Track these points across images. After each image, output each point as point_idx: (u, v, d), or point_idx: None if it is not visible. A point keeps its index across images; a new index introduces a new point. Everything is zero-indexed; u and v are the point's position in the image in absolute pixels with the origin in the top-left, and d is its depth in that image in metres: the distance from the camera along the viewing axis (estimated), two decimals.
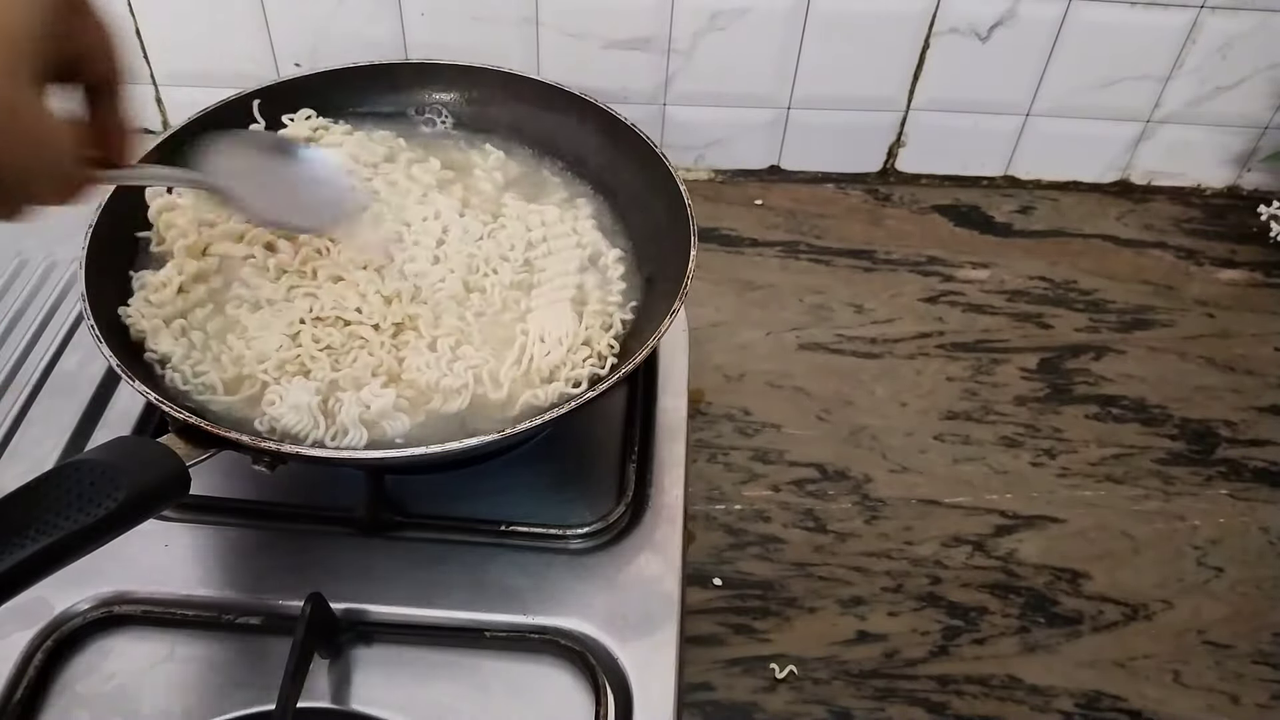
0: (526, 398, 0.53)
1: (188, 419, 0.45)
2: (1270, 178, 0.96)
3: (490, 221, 0.61)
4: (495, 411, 0.53)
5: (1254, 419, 0.77)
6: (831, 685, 0.60)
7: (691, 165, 0.94)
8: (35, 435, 0.61)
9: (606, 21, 0.83)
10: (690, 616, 0.61)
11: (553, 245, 0.61)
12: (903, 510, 0.69)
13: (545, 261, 0.60)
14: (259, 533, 0.57)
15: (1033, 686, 0.61)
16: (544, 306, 0.57)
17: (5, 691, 0.49)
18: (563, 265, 0.60)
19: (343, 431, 0.51)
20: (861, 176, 0.96)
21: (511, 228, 0.61)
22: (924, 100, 0.90)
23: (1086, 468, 0.73)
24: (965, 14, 0.84)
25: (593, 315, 0.57)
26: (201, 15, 0.82)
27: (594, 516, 0.58)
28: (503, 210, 0.62)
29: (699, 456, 0.71)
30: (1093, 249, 0.91)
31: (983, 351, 0.81)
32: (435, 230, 0.60)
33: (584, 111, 0.65)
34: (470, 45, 0.84)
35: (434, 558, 0.56)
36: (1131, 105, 0.91)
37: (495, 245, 0.60)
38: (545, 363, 0.54)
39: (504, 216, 0.62)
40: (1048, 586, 0.66)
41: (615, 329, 0.58)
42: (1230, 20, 0.84)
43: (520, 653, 0.53)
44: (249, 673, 0.51)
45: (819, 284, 0.85)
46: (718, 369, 0.78)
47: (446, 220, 0.60)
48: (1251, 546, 0.69)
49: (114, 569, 0.53)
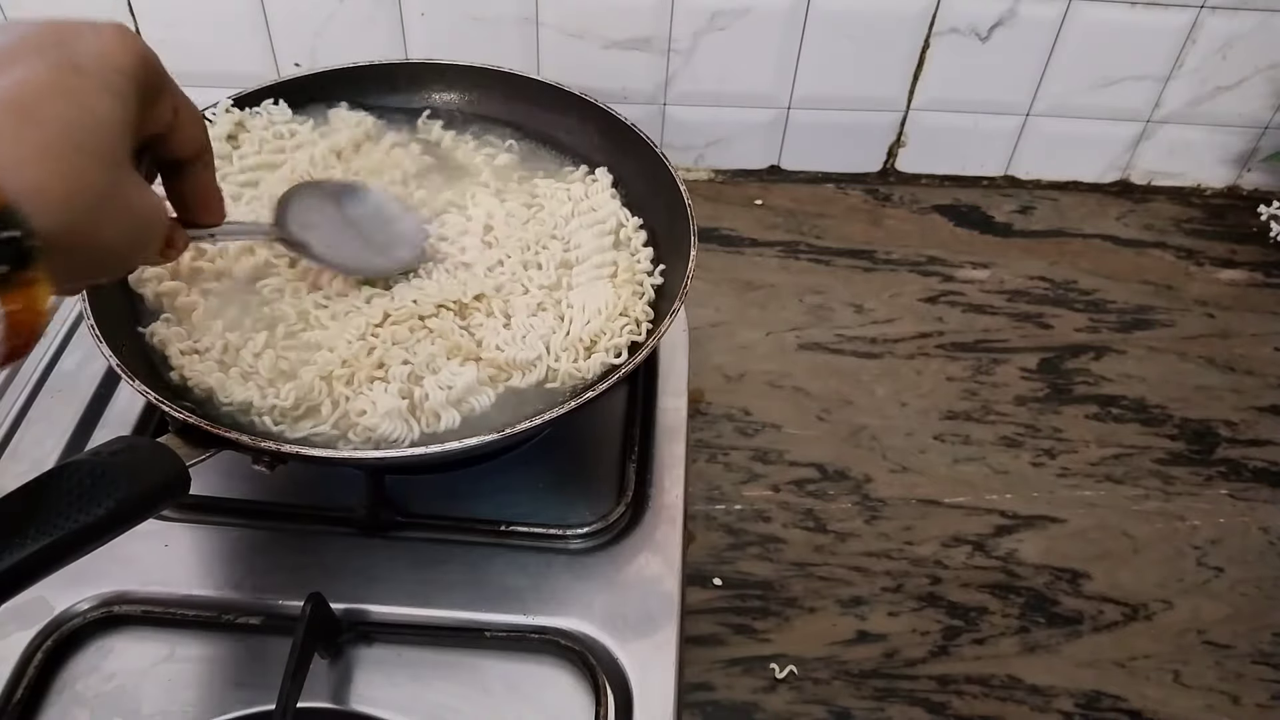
0: (569, 369, 0.54)
1: (187, 419, 0.45)
2: (1270, 178, 0.96)
3: (530, 202, 0.62)
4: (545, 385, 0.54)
5: (1254, 419, 0.77)
6: (831, 685, 0.60)
7: (691, 165, 0.94)
8: (35, 435, 0.61)
9: (606, 21, 0.83)
10: (690, 616, 0.61)
11: (582, 221, 0.61)
12: (903, 510, 0.69)
13: (579, 237, 0.60)
14: (259, 533, 0.57)
15: (1033, 686, 0.61)
16: (584, 284, 0.57)
17: (5, 691, 0.49)
18: (595, 240, 0.60)
19: (434, 418, 0.51)
20: (861, 176, 0.96)
21: (549, 206, 0.62)
22: (924, 100, 0.90)
23: (1086, 468, 0.73)
24: (965, 14, 0.84)
25: (623, 284, 0.57)
26: (201, 15, 0.82)
27: (594, 516, 0.58)
28: (536, 190, 0.63)
29: (699, 456, 0.71)
30: (1093, 249, 0.91)
31: (983, 351, 0.81)
32: (481, 217, 0.60)
33: (584, 111, 0.65)
34: (470, 45, 0.84)
35: (434, 558, 0.56)
36: (1131, 105, 0.91)
37: (540, 226, 0.61)
38: (586, 332, 0.55)
39: (540, 197, 0.63)
40: (1048, 586, 0.66)
41: (648, 295, 0.58)
42: (1230, 20, 0.84)
43: (520, 653, 0.53)
44: (249, 673, 0.51)
45: (819, 284, 0.85)
46: (718, 369, 0.78)
47: (489, 207, 0.61)
48: (1251, 546, 0.69)
49: (114, 569, 0.53)
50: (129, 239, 0.35)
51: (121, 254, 0.36)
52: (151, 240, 0.38)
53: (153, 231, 0.37)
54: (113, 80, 0.34)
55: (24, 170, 0.30)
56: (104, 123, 0.33)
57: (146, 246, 0.38)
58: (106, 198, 0.33)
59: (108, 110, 0.33)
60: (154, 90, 0.36)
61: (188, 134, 0.40)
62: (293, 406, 0.50)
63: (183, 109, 0.39)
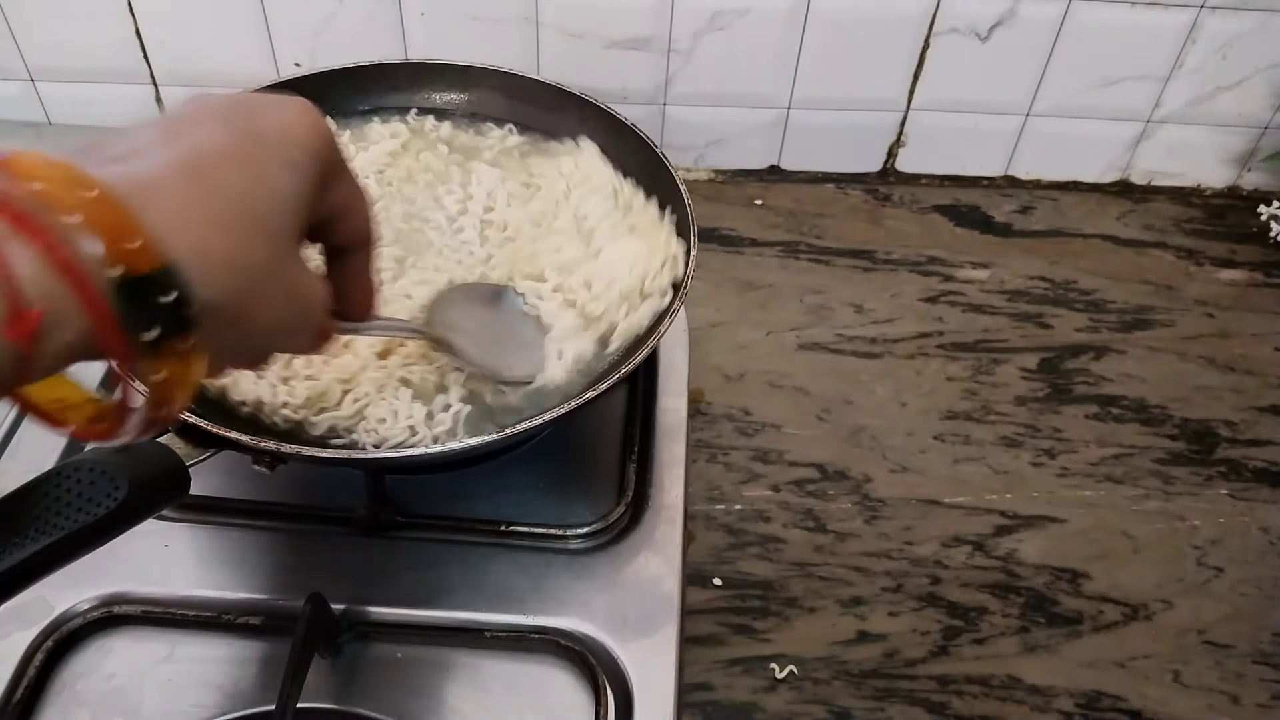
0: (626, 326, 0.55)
1: (187, 419, 0.45)
2: (1270, 178, 0.96)
3: (530, 180, 0.63)
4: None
5: (1254, 419, 0.77)
6: (831, 685, 0.60)
7: (691, 165, 0.94)
8: (35, 435, 0.61)
9: (606, 21, 0.83)
10: (690, 616, 0.61)
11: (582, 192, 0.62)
12: (903, 510, 0.69)
13: (586, 209, 0.60)
14: (259, 533, 0.57)
15: (1033, 686, 0.61)
16: (608, 245, 0.58)
17: (5, 691, 0.49)
18: (602, 205, 0.60)
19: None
20: (861, 176, 0.96)
21: (547, 186, 0.62)
22: (924, 100, 0.90)
23: (1086, 468, 0.73)
24: (965, 14, 0.84)
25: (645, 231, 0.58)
26: (202, 15, 0.82)
27: (594, 516, 0.58)
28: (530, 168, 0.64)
29: (699, 456, 0.71)
30: (1093, 249, 0.91)
31: (983, 351, 0.81)
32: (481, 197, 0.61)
33: (584, 111, 0.65)
34: (470, 45, 0.84)
35: (434, 558, 0.56)
36: (1131, 105, 0.91)
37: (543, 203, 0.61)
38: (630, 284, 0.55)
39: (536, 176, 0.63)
40: (1048, 586, 0.66)
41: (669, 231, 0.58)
42: (1230, 20, 0.84)
43: (520, 653, 0.53)
44: (249, 672, 0.51)
45: (819, 284, 0.85)
46: (718, 369, 0.78)
47: (489, 185, 0.61)
48: (1251, 546, 0.69)
49: (114, 569, 0.53)
50: (286, 321, 0.34)
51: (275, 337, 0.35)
52: (308, 326, 0.36)
53: (311, 317, 0.36)
54: (293, 155, 0.32)
55: (190, 234, 0.28)
56: (279, 196, 0.32)
57: (301, 333, 0.36)
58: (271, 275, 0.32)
59: (285, 184, 0.32)
60: (332, 172, 0.35)
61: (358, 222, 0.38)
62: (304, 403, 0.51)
63: (357, 196, 0.37)
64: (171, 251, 0.27)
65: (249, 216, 0.30)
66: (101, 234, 0.26)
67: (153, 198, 0.27)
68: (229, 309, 0.30)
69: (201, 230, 0.29)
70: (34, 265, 0.25)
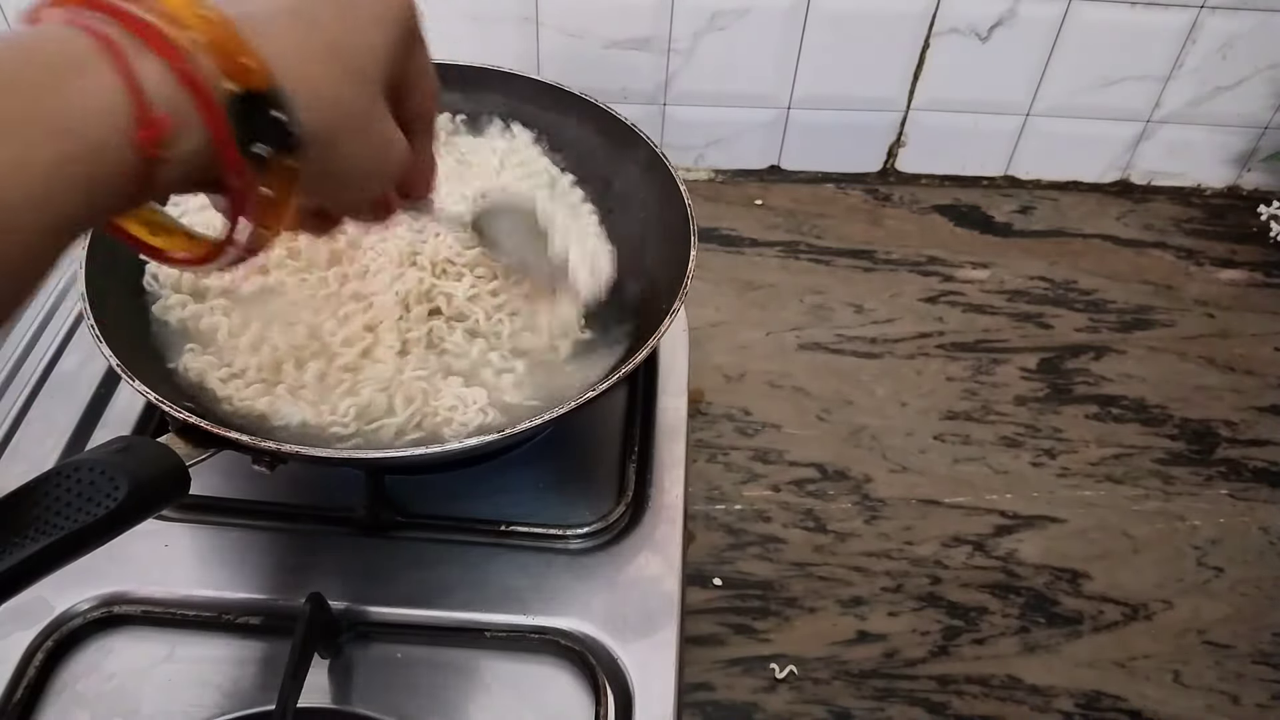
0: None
1: (187, 419, 0.45)
2: (1270, 178, 0.96)
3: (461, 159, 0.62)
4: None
5: (1254, 419, 0.77)
6: (831, 685, 0.60)
7: (691, 165, 0.94)
8: (35, 435, 0.61)
9: (606, 21, 0.83)
10: (690, 616, 0.61)
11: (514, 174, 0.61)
12: (903, 510, 0.69)
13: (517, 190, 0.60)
14: (259, 533, 0.57)
15: (1033, 686, 0.61)
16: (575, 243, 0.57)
17: (5, 691, 0.49)
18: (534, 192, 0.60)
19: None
20: (861, 176, 0.96)
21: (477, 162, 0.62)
22: (924, 100, 0.90)
23: (1086, 468, 0.73)
24: (965, 14, 0.84)
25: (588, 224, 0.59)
26: None
27: (594, 516, 0.58)
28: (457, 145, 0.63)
29: (699, 456, 0.71)
30: (1093, 249, 0.91)
31: (983, 351, 0.81)
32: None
33: (584, 111, 0.65)
34: (470, 45, 0.84)
35: (434, 558, 0.56)
36: (1131, 105, 0.91)
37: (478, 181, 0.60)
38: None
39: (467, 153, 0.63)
40: (1048, 586, 0.66)
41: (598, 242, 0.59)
42: (1230, 20, 0.84)
43: (520, 653, 0.53)
44: (249, 672, 0.51)
45: (819, 284, 0.85)
46: (718, 369, 0.78)
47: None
48: (1251, 546, 0.69)
49: (114, 569, 0.53)
50: (370, 165, 0.36)
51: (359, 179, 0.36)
52: (388, 174, 0.38)
53: (392, 163, 0.37)
54: (384, 14, 0.35)
55: (295, 66, 0.31)
56: (371, 46, 0.34)
57: (382, 179, 0.38)
58: (362, 115, 0.34)
59: (377, 37, 0.35)
60: (415, 39, 0.38)
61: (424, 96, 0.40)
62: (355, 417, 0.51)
63: (429, 70, 0.40)
64: (279, 77, 0.30)
65: (346, 59, 0.33)
66: (219, 53, 0.28)
67: (264, 30, 0.30)
68: (322, 140, 0.32)
69: (305, 64, 0.31)
70: (160, 77, 0.27)
